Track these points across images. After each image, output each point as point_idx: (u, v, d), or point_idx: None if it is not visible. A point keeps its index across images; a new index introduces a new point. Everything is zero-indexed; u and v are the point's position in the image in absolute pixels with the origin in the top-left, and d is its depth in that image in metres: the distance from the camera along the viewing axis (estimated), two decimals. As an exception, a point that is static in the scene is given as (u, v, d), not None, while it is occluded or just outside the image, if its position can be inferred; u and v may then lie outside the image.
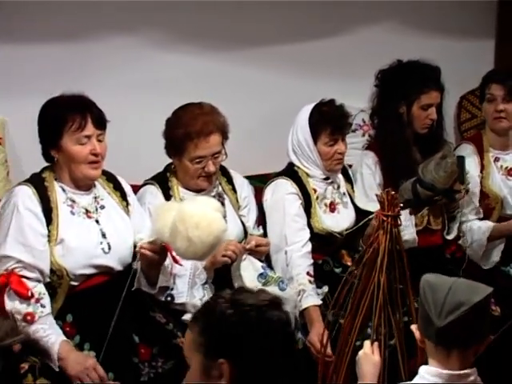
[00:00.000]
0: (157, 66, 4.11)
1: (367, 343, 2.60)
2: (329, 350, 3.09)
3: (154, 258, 3.02)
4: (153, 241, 3.00)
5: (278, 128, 3.98)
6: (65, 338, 2.97)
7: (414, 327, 2.34)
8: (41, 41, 3.85)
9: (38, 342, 2.94)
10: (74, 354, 2.95)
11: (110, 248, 3.08)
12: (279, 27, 4.37)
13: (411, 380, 2.29)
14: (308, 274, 3.50)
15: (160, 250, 3.02)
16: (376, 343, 2.62)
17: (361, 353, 2.57)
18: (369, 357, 2.55)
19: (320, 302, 3.47)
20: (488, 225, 3.96)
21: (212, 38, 4.20)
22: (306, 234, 3.56)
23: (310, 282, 3.48)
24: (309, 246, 3.55)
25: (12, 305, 2.94)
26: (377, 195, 2.92)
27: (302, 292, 3.44)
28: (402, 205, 2.88)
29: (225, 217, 3.22)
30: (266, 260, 3.53)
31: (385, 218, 2.80)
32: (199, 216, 2.87)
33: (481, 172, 4.01)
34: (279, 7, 4.32)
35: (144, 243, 3.03)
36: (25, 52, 3.82)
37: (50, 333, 2.95)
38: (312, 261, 3.55)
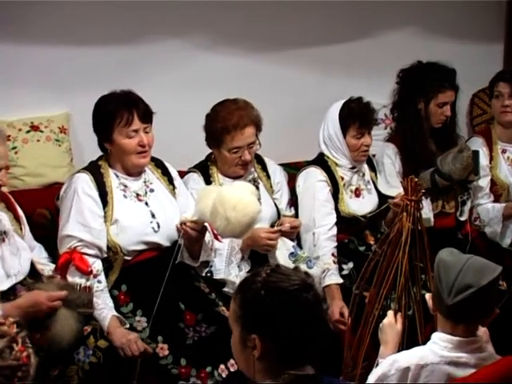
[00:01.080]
0: (199, 66, 4.27)
1: (391, 313, 2.67)
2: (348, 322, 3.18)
3: (194, 235, 3.21)
4: (195, 220, 3.19)
5: (309, 122, 4.11)
6: (115, 314, 3.13)
7: (428, 296, 2.50)
8: (100, 42, 4.01)
9: None
10: (119, 329, 3.09)
11: (159, 227, 3.27)
12: (312, 31, 4.48)
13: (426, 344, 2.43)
14: (332, 254, 3.64)
15: (200, 229, 3.21)
16: (399, 313, 2.69)
17: (385, 321, 2.65)
18: (392, 325, 2.63)
19: (341, 281, 3.60)
20: (501, 204, 4.13)
21: (249, 41, 4.35)
22: (333, 218, 3.71)
23: (333, 262, 3.62)
24: (334, 230, 3.70)
25: (72, 280, 3.09)
26: (401, 182, 3.01)
27: (327, 270, 3.58)
28: (423, 191, 3.00)
29: (259, 199, 3.40)
30: (296, 239, 3.67)
31: (408, 202, 2.93)
32: (236, 199, 3.05)
33: (490, 162, 4.19)
34: (313, 13, 4.44)
35: (187, 221, 3.20)
36: (87, 53, 3.99)
37: (102, 307, 3.12)
38: (336, 243, 3.68)
